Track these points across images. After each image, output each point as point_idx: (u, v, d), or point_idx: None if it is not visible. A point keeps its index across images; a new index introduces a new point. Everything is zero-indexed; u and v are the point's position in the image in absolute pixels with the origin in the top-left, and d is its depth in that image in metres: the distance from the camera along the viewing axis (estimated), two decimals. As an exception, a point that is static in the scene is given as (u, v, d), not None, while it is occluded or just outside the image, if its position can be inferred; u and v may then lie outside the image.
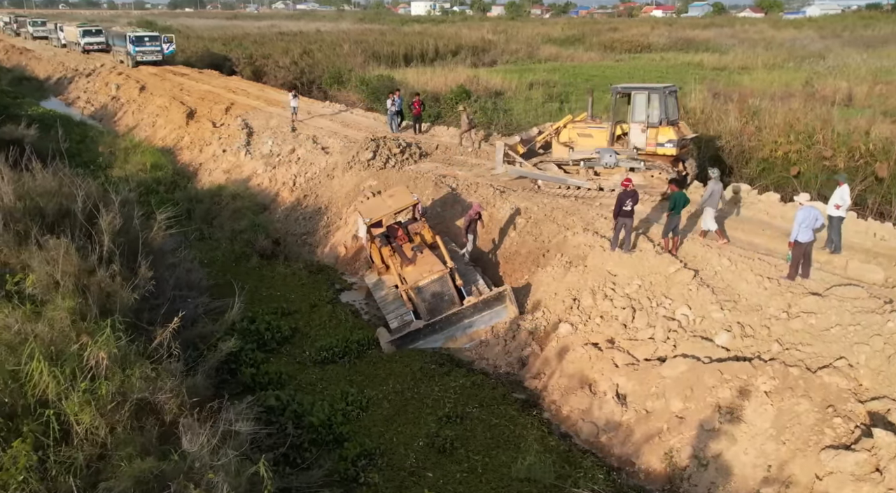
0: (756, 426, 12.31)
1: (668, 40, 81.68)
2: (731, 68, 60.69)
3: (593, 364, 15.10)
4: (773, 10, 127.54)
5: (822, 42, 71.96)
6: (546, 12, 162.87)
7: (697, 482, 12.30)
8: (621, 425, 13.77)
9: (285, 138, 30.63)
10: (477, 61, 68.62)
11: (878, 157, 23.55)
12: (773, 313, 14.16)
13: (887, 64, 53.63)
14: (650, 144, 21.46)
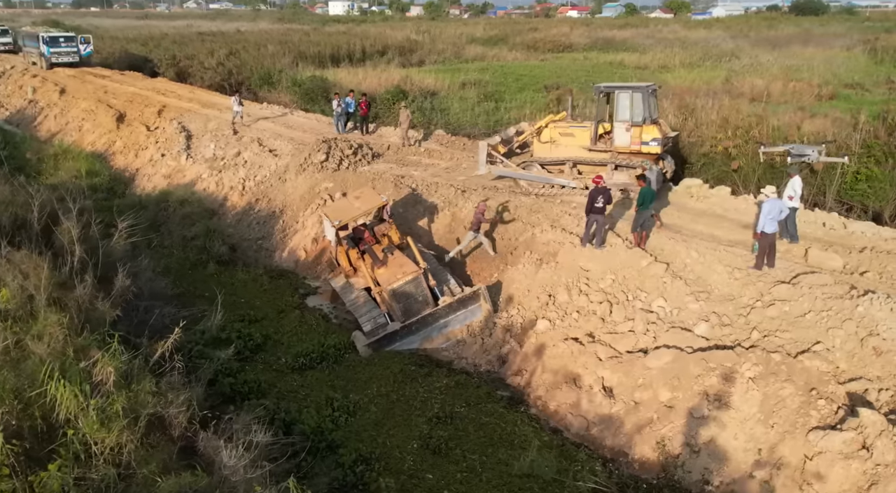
0: (743, 412, 12.78)
1: (588, 40, 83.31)
2: (651, 67, 62.41)
3: (576, 359, 15.36)
4: (682, 11, 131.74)
5: (733, 42, 74.73)
6: (465, 12, 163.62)
7: (691, 468, 12.68)
8: (611, 417, 14.06)
9: (228, 141, 29.90)
10: (405, 61, 68.42)
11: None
12: (747, 303, 14.73)
13: (794, 62, 56.22)
14: (635, 143, 21.42)
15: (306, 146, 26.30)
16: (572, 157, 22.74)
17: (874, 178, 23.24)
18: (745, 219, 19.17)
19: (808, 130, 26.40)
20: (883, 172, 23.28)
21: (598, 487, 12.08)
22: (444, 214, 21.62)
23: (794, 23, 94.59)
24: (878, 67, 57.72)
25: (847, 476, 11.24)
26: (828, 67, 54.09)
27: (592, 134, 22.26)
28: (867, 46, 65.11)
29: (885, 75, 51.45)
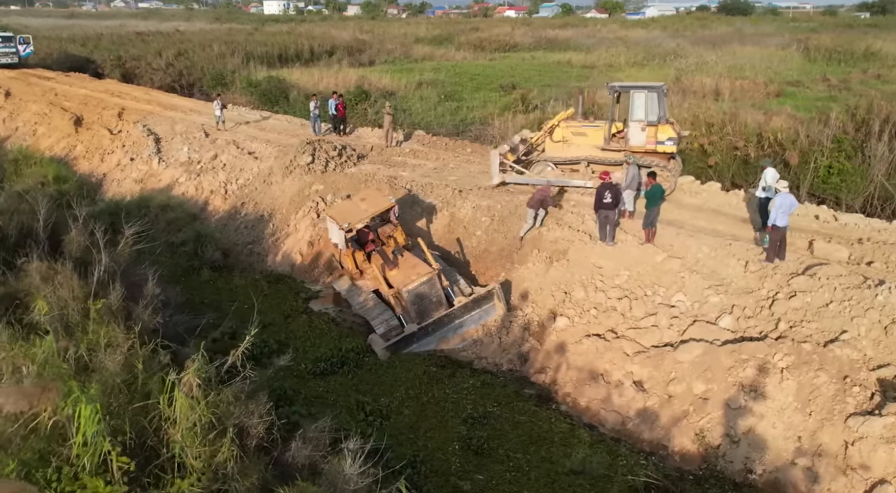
0: (779, 401, 13.08)
1: (532, 40, 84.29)
2: (598, 66, 63.50)
3: (601, 355, 15.49)
4: (616, 11, 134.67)
5: (673, 41, 76.67)
6: (403, 12, 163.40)
7: (732, 458, 12.92)
8: (645, 411, 14.22)
9: (202, 144, 29.12)
10: (354, 61, 67.99)
11: (787, 146, 25.50)
12: (767, 295, 15.09)
13: (736, 61, 57.98)
14: (650, 142, 21.29)
15: (290, 148, 25.82)
16: (586, 156, 22.63)
17: (846, 172, 24.10)
18: (741, 214, 19.67)
19: (777, 127, 27.22)
20: (854, 166, 24.16)
21: (649, 481, 12.20)
22: (443, 214, 21.52)
23: (726, 22, 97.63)
24: (811, 65, 60.05)
25: (891, 460, 11.62)
26: (768, 66, 55.99)
27: (606, 133, 22.23)
28: (800, 46, 67.53)
29: (820, 73, 53.63)
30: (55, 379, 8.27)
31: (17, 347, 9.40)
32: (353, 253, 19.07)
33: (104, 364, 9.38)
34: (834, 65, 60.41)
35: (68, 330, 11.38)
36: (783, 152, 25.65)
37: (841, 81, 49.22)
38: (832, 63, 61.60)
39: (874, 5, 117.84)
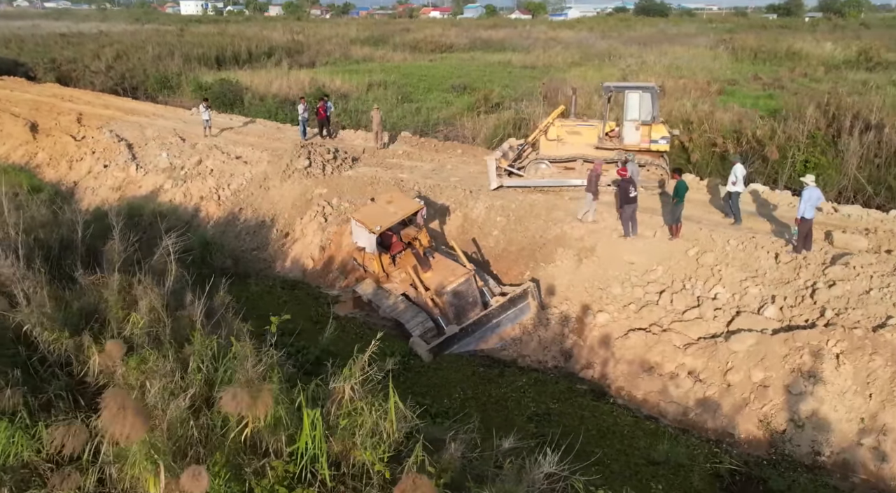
0: (838, 385, 13.63)
1: (467, 40, 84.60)
2: (538, 66, 64.35)
3: (651, 348, 15.78)
4: (539, 12, 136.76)
5: (605, 42, 78.32)
6: (326, 12, 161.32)
7: (799, 441, 13.39)
8: (706, 401, 14.56)
9: (182, 150, 28.10)
10: (293, 63, 66.81)
11: (765, 142, 26.52)
12: (805, 284, 15.70)
13: (673, 61, 59.74)
14: (644, 141, 21.89)
15: (283, 152, 25.23)
16: (580, 154, 22.93)
17: (821, 165, 25.23)
18: (746, 208, 20.31)
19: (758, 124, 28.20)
20: (829, 160, 25.34)
21: (732, 467, 12.52)
22: (456, 215, 21.45)
23: (648, 23, 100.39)
24: (741, 65, 62.39)
25: (955, 435, 12.31)
26: (702, 66, 57.84)
27: (601, 132, 22.62)
28: (727, 46, 70.14)
29: (750, 72, 55.87)
30: (268, 386, 8.03)
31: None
32: (380, 256, 18.80)
33: (248, 376, 9.08)
34: (759, 64, 62.96)
35: (158, 343, 10.96)
36: (761, 148, 26.70)
37: (773, 80, 51.47)
38: (758, 62, 64.20)
39: (780, 7, 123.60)
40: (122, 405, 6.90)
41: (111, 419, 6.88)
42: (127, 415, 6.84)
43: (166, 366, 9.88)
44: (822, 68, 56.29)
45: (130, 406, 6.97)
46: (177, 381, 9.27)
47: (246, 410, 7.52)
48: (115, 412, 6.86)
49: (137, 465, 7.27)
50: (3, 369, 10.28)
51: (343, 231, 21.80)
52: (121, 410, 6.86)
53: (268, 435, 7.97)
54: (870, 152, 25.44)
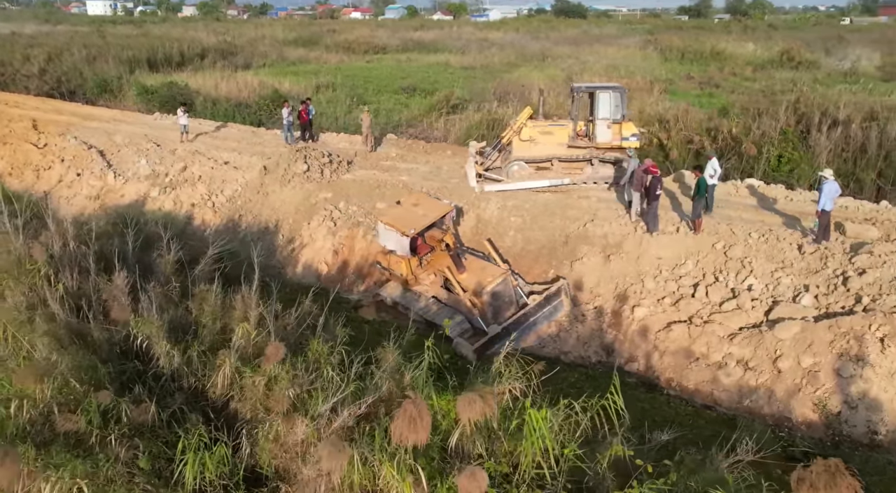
0: (886, 367, 14.31)
1: (399, 42, 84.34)
2: (477, 68, 64.82)
3: (695, 340, 16.19)
4: (460, 13, 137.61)
5: (537, 43, 79.57)
6: (243, 13, 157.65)
7: (855, 422, 14.00)
8: (759, 387, 15.03)
9: (162, 156, 26.98)
10: (228, 64, 65.09)
11: (741, 138, 27.59)
12: (835, 273, 16.42)
13: (610, 61, 61.34)
14: (616, 139, 22.37)
15: (281, 157, 24.59)
16: (553, 154, 23.32)
17: (794, 160, 26.46)
18: (747, 202, 21.16)
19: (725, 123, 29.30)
20: (801, 155, 26.58)
21: (806, 450, 13.01)
22: (469, 216, 21.42)
23: (571, 24, 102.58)
24: (670, 64, 64.57)
25: None
26: (636, 66, 59.52)
27: (572, 131, 23.05)
28: (655, 47, 72.42)
29: (682, 72, 57.98)
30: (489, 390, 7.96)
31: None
32: (409, 259, 18.60)
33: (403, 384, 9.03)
34: (687, 64, 65.37)
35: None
36: (736, 145, 27.77)
37: (706, 79, 53.56)
38: (685, 62, 66.61)
39: (690, 9, 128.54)
40: (418, 414, 6.75)
41: (404, 426, 6.75)
42: (419, 423, 6.71)
43: (320, 375, 9.67)
44: (750, 68, 58.94)
45: (425, 415, 6.83)
46: (343, 390, 9.07)
47: (479, 415, 7.40)
48: (408, 420, 6.72)
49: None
50: (129, 383, 9.79)
51: (355, 235, 21.48)
52: (414, 419, 6.71)
53: (481, 438, 7.90)
54: (837, 147, 26.84)
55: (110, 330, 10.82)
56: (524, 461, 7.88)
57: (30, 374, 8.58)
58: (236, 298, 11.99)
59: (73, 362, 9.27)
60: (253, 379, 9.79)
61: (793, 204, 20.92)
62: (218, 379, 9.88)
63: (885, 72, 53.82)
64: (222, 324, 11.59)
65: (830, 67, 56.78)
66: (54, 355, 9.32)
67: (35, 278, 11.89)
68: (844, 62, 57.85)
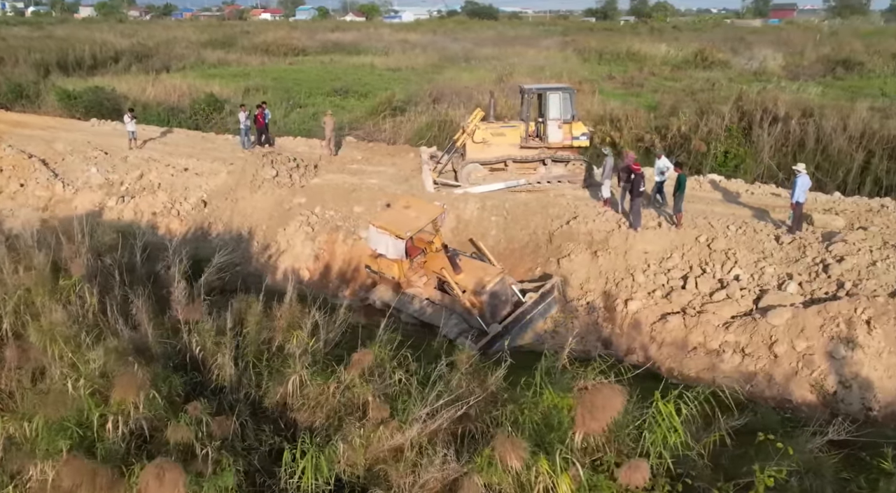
0: (874, 347, 15.25)
1: (318, 43, 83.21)
2: (402, 69, 64.80)
3: (691, 330, 16.79)
4: (373, 14, 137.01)
5: (458, 44, 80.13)
6: (145, 13, 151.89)
7: (850, 400, 14.87)
8: (758, 373, 15.74)
9: (115, 164, 25.83)
10: (145, 67, 62.81)
11: (690, 136, 28.73)
12: (814, 261, 17.37)
13: (535, 62, 62.46)
14: (567, 138, 23.07)
15: (247, 162, 23.97)
16: (506, 155, 23.63)
17: (740, 156, 27.80)
18: (713, 196, 22.12)
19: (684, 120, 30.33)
20: (746, 151, 27.94)
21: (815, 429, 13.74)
22: (449, 216, 21.39)
23: (485, 26, 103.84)
24: (590, 65, 66.34)
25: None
26: (559, 67, 60.77)
27: (524, 132, 23.54)
28: (574, 48, 74.17)
29: (604, 72, 59.71)
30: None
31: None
32: (402, 261, 18.52)
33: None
34: (606, 64, 67.32)
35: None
36: (685, 142, 28.92)
37: (628, 79, 55.39)
38: (604, 62, 68.57)
39: (597, 11, 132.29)
40: (601, 402, 6.82)
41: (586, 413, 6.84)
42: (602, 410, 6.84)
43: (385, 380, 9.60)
44: (668, 68, 61.26)
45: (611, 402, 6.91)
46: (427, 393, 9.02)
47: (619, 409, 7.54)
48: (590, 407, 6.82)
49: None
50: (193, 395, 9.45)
51: (334, 239, 21.22)
52: (596, 406, 6.81)
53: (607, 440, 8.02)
54: (778, 142, 28.32)
55: (166, 343, 10.41)
56: (653, 453, 8.04)
57: (130, 385, 8.15)
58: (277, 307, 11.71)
59: (151, 375, 8.87)
60: (324, 386, 9.62)
61: (755, 198, 21.98)
62: (288, 388, 9.64)
63: (789, 71, 56.75)
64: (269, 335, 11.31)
65: (740, 67, 59.72)
66: (134, 367, 8.88)
67: (70, 293, 11.28)
68: (753, 62, 60.89)
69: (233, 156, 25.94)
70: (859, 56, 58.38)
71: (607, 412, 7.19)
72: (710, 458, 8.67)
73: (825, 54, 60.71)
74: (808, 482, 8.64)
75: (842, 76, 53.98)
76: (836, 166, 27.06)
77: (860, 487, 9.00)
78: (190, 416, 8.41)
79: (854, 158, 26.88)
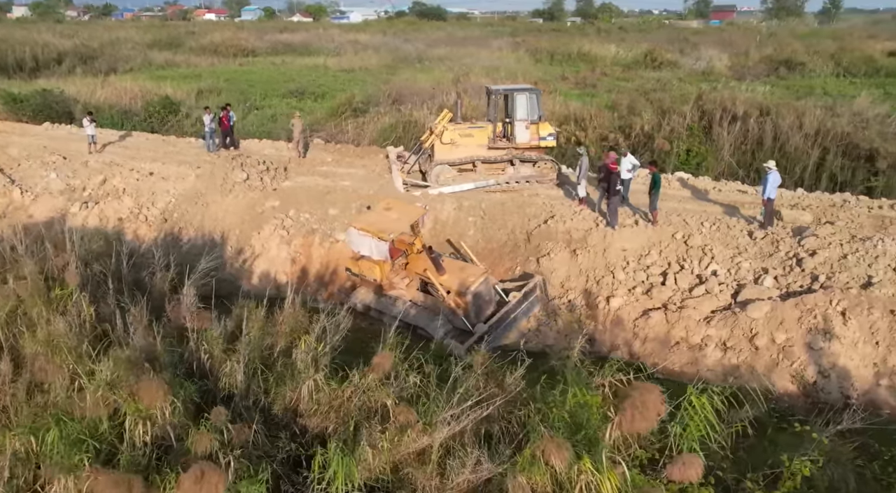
0: (849, 338, 15.78)
1: (268, 44, 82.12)
2: (355, 70, 64.44)
3: (673, 325, 17.11)
4: (320, 15, 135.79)
5: (410, 45, 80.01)
6: (83, 13, 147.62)
7: (830, 389, 15.36)
8: (740, 365, 16.14)
9: (75, 169, 25.07)
10: (91, 69, 61.28)
11: (653, 135, 29.28)
12: (788, 255, 17.89)
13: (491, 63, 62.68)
14: (534, 139, 23.30)
15: (216, 166, 23.54)
16: (475, 156, 23.76)
17: (701, 154, 28.44)
18: (682, 194, 22.59)
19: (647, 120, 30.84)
20: (707, 149, 28.60)
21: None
22: (426, 218, 21.45)
23: (434, 27, 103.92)
24: (541, 66, 66.99)
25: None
26: (512, 67, 61.20)
27: (492, 133, 23.72)
28: (526, 48, 74.75)
29: (557, 72, 60.37)
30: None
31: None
32: (385, 263, 18.43)
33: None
34: (557, 65, 68.12)
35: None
36: (649, 141, 29.46)
37: (581, 80, 56.13)
38: (555, 63, 69.38)
39: (544, 12, 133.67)
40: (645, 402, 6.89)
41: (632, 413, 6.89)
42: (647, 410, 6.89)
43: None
44: (619, 68, 62.28)
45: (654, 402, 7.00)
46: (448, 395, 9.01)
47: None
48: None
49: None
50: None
51: (311, 242, 21.02)
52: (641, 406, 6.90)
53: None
54: (737, 140, 29.08)
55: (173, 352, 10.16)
56: (685, 446, 8.16)
57: (156, 391, 7.93)
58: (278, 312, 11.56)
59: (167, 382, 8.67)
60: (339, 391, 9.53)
61: (722, 194, 22.52)
62: (303, 393, 9.52)
63: (735, 71, 58.23)
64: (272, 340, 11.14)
65: (689, 67, 61.06)
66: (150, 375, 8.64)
67: (67, 302, 10.89)
68: (700, 62, 62.32)
69: (199, 159, 25.41)
70: (800, 57, 60.14)
71: (655, 411, 7.26)
72: (731, 450, 8.84)
73: (768, 55, 62.45)
74: (829, 470, 8.89)
75: (785, 76, 55.59)
76: (794, 163, 27.89)
77: (874, 474, 9.30)
78: (212, 423, 8.24)
79: (810, 155, 27.72)
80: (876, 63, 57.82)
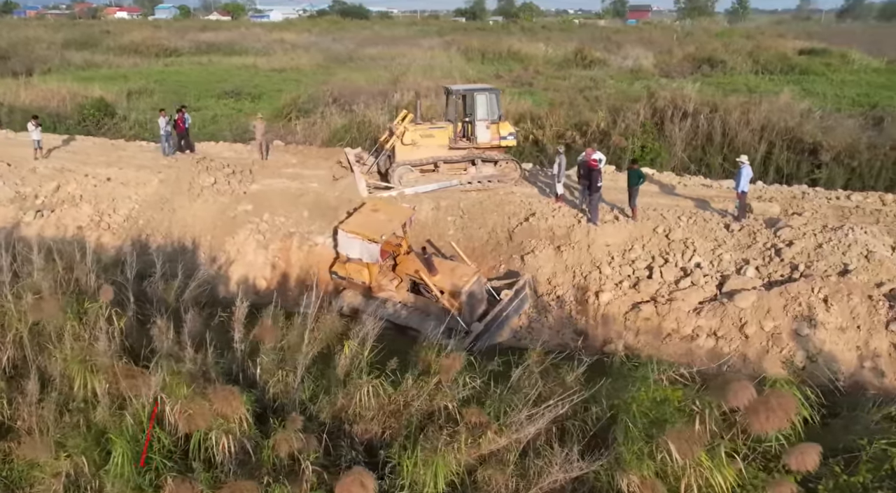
0: (833, 323, 16.50)
1: (191, 43, 79.69)
2: (287, 70, 63.27)
3: (664, 317, 17.50)
4: (239, 14, 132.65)
5: (340, 44, 79.06)
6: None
7: (819, 373, 16.01)
8: (732, 354, 16.64)
9: (24, 176, 23.71)
10: (5, 70, 58.12)
11: (609, 132, 29.87)
12: (765, 246, 18.54)
13: (425, 63, 62.50)
14: (494, 138, 23.37)
15: (182, 170, 22.67)
16: (436, 156, 23.70)
17: (655, 150, 29.21)
18: (652, 189, 23.07)
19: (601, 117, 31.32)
20: (660, 145, 29.40)
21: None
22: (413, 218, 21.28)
23: (359, 26, 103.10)
24: (473, 64, 67.28)
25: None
26: (447, 66, 61.21)
27: (453, 133, 23.74)
28: (457, 48, 74.91)
29: (490, 71, 60.84)
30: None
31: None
32: (374, 265, 18.19)
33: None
34: (489, 63, 68.57)
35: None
36: (605, 138, 30.02)
37: (515, 78, 56.70)
38: (487, 62, 69.77)
39: (466, 11, 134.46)
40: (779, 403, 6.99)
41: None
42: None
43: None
44: (552, 67, 63.18)
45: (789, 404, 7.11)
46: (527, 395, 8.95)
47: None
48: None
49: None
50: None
51: (289, 246, 20.56)
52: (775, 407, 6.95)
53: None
54: (689, 136, 29.96)
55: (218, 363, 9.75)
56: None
57: (234, 401, 7.57)
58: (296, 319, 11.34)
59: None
60: (396, 396, 9.36)
61: (689, 189, 23.16)
62: (358, 398, 9.30)
63: (661, 69, 59.94)
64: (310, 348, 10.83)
65: (617, 65, 62.51)
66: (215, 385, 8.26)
67: (98, 318, 10.23)
68: (628, 61, 63.92)
69: (157, 164, 24.44)
70: (720, 55, 62.31)
71: (787, 414, 7.36)
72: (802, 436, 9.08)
73: (691, 53, 64.48)
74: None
75: (709, 74, 57.35)
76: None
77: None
78: (289, 430, 7.96)
79: (758, 150, 28.79)
80: (790, 61, 60.33)
